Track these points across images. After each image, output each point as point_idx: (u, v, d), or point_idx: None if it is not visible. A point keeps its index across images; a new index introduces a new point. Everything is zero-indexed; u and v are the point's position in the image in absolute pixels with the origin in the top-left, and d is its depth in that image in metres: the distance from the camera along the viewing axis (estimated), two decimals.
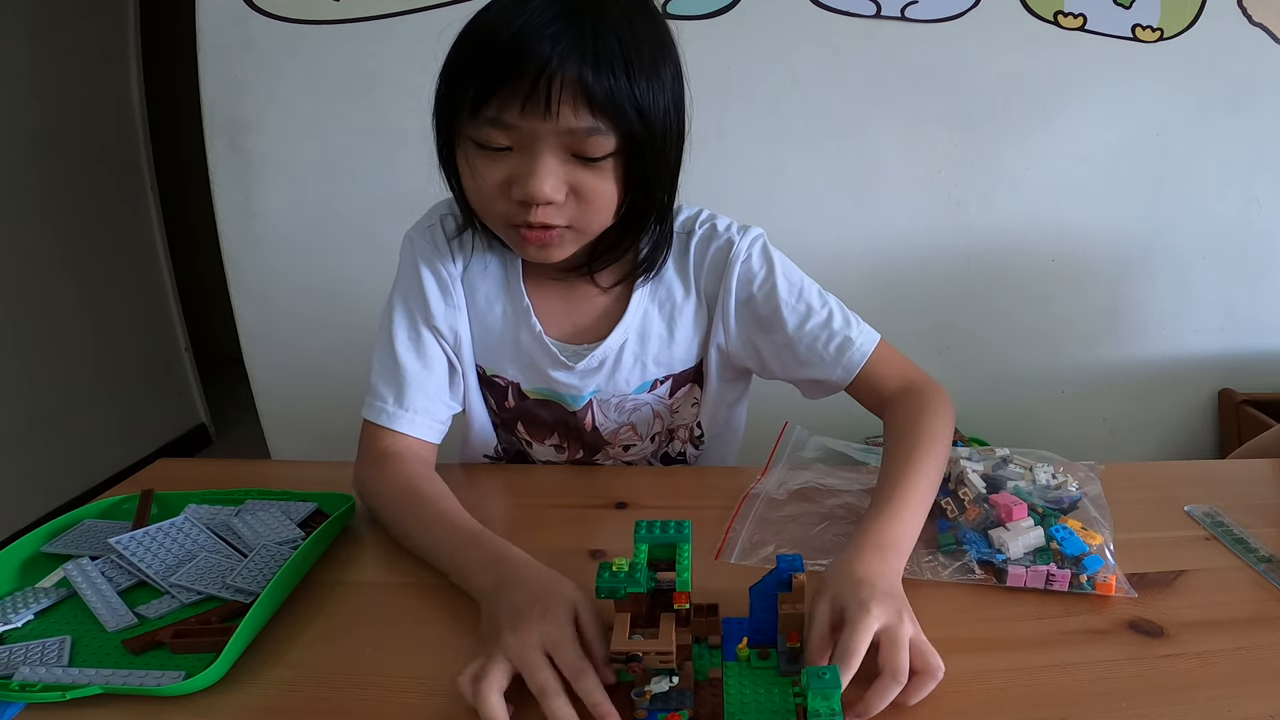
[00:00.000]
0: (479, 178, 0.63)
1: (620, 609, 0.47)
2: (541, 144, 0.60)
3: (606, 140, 0.60)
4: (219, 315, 1.93)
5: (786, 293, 0.75)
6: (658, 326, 0.77)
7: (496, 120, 0.59)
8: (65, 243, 2.11)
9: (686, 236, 0.77)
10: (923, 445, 0.65)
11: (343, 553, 0.66)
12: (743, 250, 0.75)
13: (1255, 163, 1.77)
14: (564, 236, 0.66)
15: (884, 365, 0.75)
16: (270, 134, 1.60)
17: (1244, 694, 0.48)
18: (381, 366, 0.76)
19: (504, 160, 0.61)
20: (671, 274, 0.77)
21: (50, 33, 2.02)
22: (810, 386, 0.79)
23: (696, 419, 0.84)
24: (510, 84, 0.57)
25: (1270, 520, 0.68)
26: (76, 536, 0.67)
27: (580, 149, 0.60)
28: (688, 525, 0.50)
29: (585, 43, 0.57)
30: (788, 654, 0.49)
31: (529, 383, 0.80)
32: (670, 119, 0.64)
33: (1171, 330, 1.89)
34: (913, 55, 1.65)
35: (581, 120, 0.58)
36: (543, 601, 0.49)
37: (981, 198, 1.75)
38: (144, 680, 0.49)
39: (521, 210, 0.63)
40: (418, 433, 0.74)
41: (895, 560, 0.55)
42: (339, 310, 1.69)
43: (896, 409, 0.72)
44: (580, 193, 0.63)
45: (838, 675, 0.42)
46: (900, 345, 0.79)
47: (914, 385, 0.74)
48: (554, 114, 0.57)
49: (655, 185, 0.66)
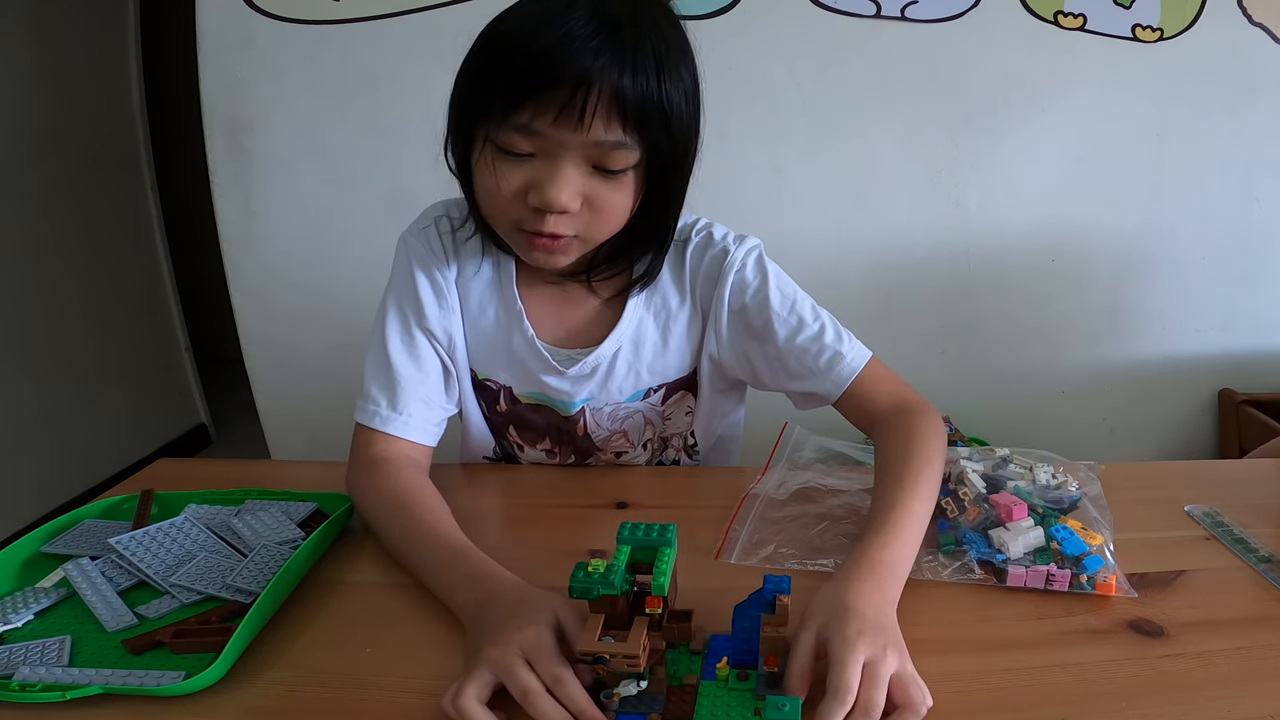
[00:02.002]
0: (498, 181, 0.62)
1: (594, 610, 0.47)
2: (566, 153, 0.59)
3: (630, 154, 0.60)
4: (219, 315, 1.93)
5: (779, 304, 0.74)
6: (652, 334, 0.77)
7: (526, 127, 0.59)
8: (65, 242, 2.11)
9: (683, 244, 0.76)
10: (916, 467, 0.63)
11: (343, 553, 0.66)
12: (737, 259, 0.74)
13: (1255, 163, 1.77)
14: (571, 245, 0.66)
15: (874, 383, 0.74)
16: (270, 134, 1.60)
17: (1244, 694, 0.48)
18: (374, 369, 0.75)
19: (525, 166, 0.61)
20: (667, 281, 0.77)
21: (50, 32, 2.02)
22: (801, 399, 0.78)
23: (690, 428, 0.84)
24: (547, 93, 0.57)
25: (1270, 520, 0.68)
26: (76, 536, 0.67)
27: (603, 161, 0.60)
28: (672, 529, 0.49)
29: (625, 56, 0.57)
30: (766, 678, 0.48)
31: (521, 387, 0.80)
32: (691, 131, 0.64)
33: (1171, 330, 1.89)
34: (913, 55, 1.64)
35: (612, 134, 0.59)
36: (521, 613, 0.49)
37: (981, 198, 1.75)
38: (144, 680, 0.49)
39: (535, 217, 0.62)
40: (411, 435, 0.73)
41: (891, 586, 0.53)
42: (339, 310, 1.68)
43: (887, 429, 0.69)
44: (594, 204, 0.62)
45: (798, 708, 0.42)
46: (900, 345, 0.79)
47: (905, 405, 0.72)
48: (586, 126, 0.57)
49: (670, 200, 0.67)
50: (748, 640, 0.49)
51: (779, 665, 0.48)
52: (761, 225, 1.82)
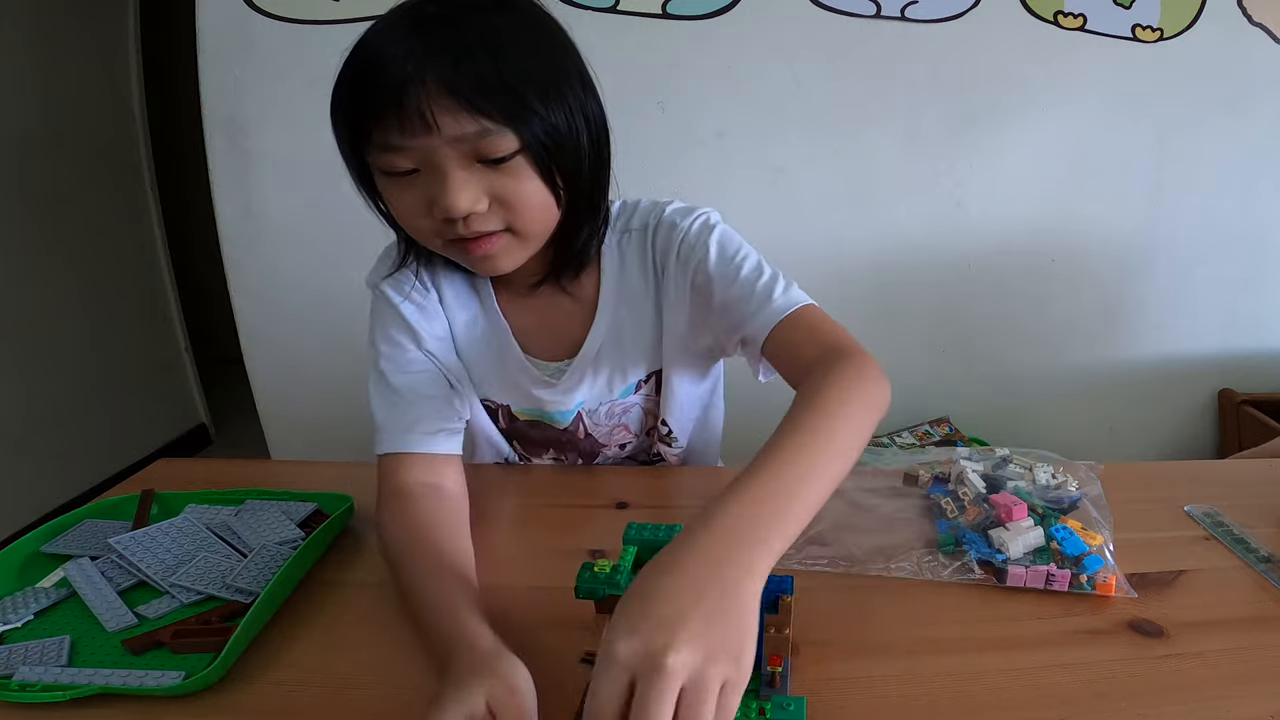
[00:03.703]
0: (398, 204, 0.62)
1: (600, 610, 0.47)
2: (441, 158, 0.57)
3: (503, 139, 0.57)
4: (219, 315, 1.93)
5: (717, 258, 0.70)
6: (630, 327, 0.76)
7: (386, 145, 0.57)
8: (65, 243, 2.11)
9: (643, 231, 0.75)
10: (826, 405, 0.52)
11: (343, 553, 0.66)
12: (683, 229, 0.72)
13: (1255, 163, 1.77)
14: (507, 242, 0.63)
15: (805, 330, 0.65)
16: (270, 134, 1.60)
17: (1244, 694, 0.48)
18: (379, 399, 0.73)
19: (415, 181, 0.59)
20: (635, 270, 0.75)
21: (50, 33, 2.02)
22: (751, 360, 0.72)
23: (661, 418, 0.82)
24: (380, 107, 0.56)
25: (1270, 520, 0.68)
26: (76, 536, 0.67)
27: (481, 153, 0.57)
28: (679, 529, 0.49)
29: (441, 46, 0.55)
30: (768, 678, 0.48)
31: (518, 404, 0.80)
32: (570, 103, 0.60)
33: (1171, 330, 1.89)
34: (913, 55, 1.65)
35: (466, 125, 0.55)
36: (444, 699, 0.44)
37: (981, 198, 1.75)
38: (144, 680, 0.49)
39: (450, 226, 0.60)
40: (429, 448, 0.70)
41: (742, 550, 0.41)
42: (339, 310, 1.68)
43: (810, 376, 0.58)
44: (502, 198, 0.60)
45: (803, 708, 0.40)
46: (900, 345, 0.79)
47: (838, 350, 0.60)
48: (435, 126, 0.55)
49: (578, 179, 0.63)
50: None
51: (782, 665, 0.48)
52: (761, 225, 1.83)
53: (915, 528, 0.67)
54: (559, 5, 1.52)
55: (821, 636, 0.53)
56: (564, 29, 0.63)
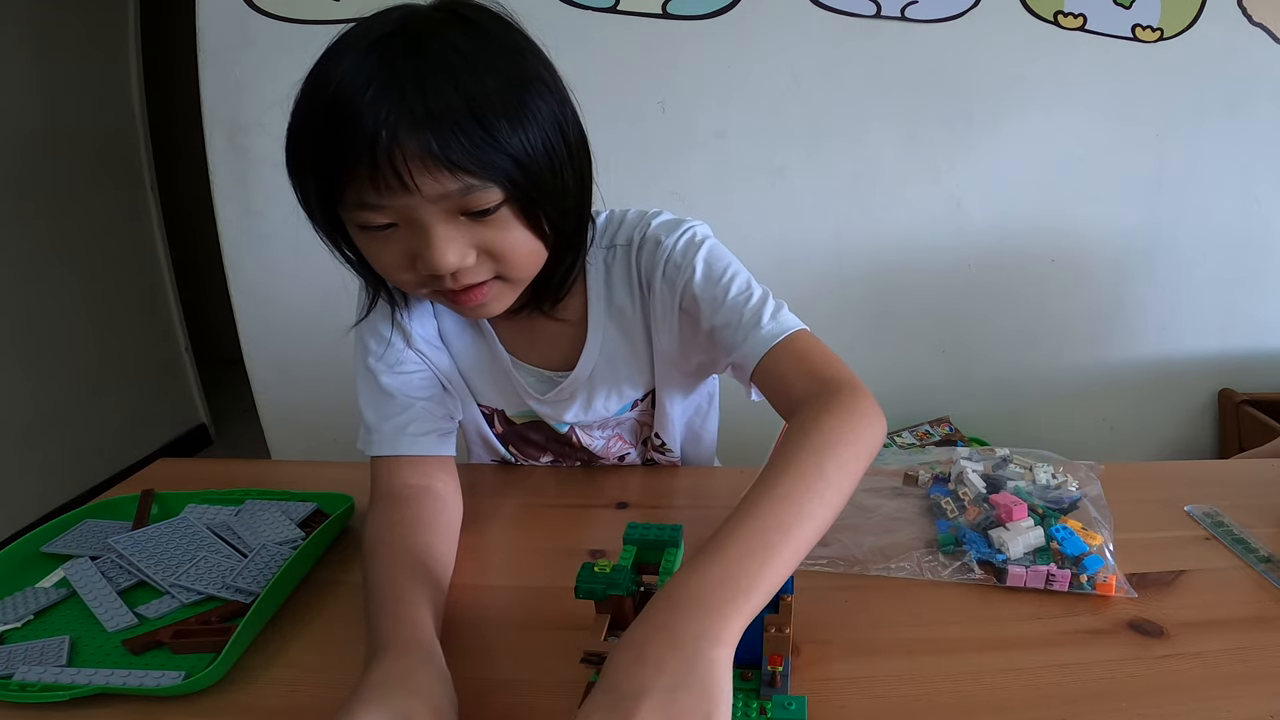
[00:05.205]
0: (378, 259, 0.57)
1: (600, 610, 0.47)
2: (423, 215, 0.52)
3: (487, 194, 0.53)
4: (219, 315, 1.94)
5: (703, 279, 0.67)
6: (622, 347, 0.74)
7: (361, 204, 0.53)
8: (65, 242, 2.11)
9: (627, 247, 0.71)
10: (814, 447, 0.50)
11: (343, 553, 0.66)
12: (668, 247, 0.69)
13: (1255, 163, 1.77)
14: (498, 289, 0.60)
15: (794, 359, 0.61)
16: (270, 134, 1.59)
17: (1244, 694, 0.48)
18: (368, 400, 0.71)
19: (395, 237, 0.55)
20: (623, 291, 0.73)
21: (50, 32, 2.02)
22: (741, 383, 0.69)
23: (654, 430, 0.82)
24: (352, 166, 0.50)
25: (1270, 520, 0.68)
26: (76, 536, 0.67)
27: (465, 207, 0.53)
28: (679, 529, 0.49)
29: (412, 100, 0.49)
30: (768, 678, 0.47)
31: (512, 409, 0.79)
32: (553, 144, 0.56)
33: (1171, 330, 1.89)
34: (913, 55, 1.65)
35: (448, 184, 0.51)
36: (352, 707, 0.42)
37: (981, 198, 1.75)
38: (144, 680, 0.49)
39: (437, 279, 0.57)
40: (420, 450, 0.69)
41: (696, 620, 0.39)
42: (339, 310, 1.67)
43: (800, 413, 0.56)
44: (489, 248, 0.56)
45: (804, 707, 0.40)
46: (900, 345, 0.78)
47: (827, 384, 0.57)
48: (413, 187, 0.50)
49: (564, 219, 0.60)
50: (751, 640, 0.49)
51: (783, 664, 0.48)
52: (761, 225, 1.83)
53: (915, 528, 0.67)
54: (559, 5, 1.53)
55: (821, 636, 0.53)
56: (533, 42, 0.58)
